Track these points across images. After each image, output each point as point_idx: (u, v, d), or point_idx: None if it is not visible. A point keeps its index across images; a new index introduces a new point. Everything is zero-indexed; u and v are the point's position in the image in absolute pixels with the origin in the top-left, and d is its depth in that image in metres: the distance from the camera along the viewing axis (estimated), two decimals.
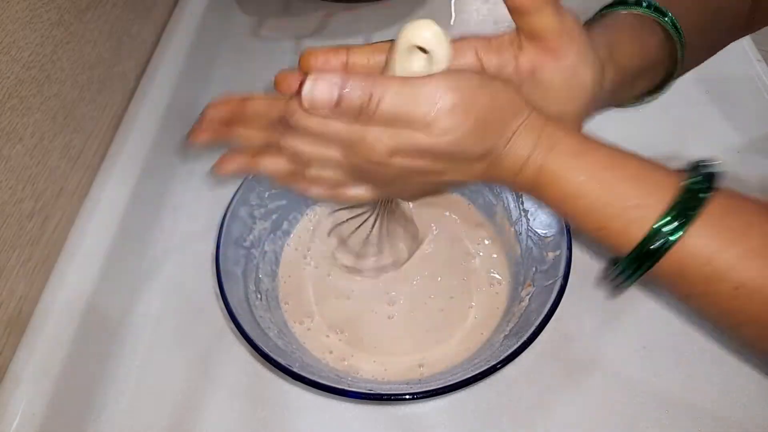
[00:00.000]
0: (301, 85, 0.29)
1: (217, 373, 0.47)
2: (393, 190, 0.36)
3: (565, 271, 0.41)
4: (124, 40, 0.58)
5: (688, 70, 0.43)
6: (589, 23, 0.39)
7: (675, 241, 0.29)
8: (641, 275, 0.31)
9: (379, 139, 0.29)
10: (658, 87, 0.42)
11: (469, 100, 0.29)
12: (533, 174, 0.31)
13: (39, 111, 0.44)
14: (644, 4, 0.39)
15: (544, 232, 0.46)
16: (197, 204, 0.58)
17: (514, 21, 0.32)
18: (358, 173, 0.33)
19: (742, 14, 0.43)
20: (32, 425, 0.40)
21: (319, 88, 0.29)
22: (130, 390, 0.46)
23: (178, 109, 0.62)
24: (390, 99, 0.28)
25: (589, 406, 0.44)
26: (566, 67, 0.32)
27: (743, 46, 0.65)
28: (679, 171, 0.31)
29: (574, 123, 0.34)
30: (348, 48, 0.33)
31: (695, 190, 0.30)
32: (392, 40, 0.31)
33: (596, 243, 0.32)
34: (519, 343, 0.38)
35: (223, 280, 0.41)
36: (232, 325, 0.39)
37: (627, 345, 0.46)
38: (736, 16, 0.43)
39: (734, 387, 0.44)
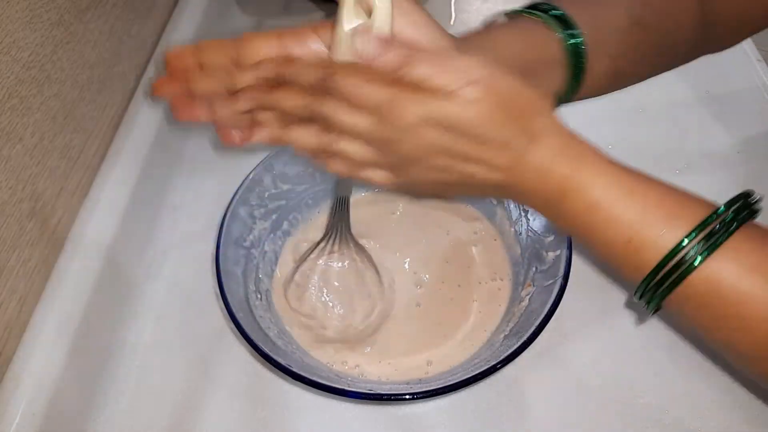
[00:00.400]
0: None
1: (217, 373, 0.47)
2: (413, 176, 0.34)
3: (565, 271, 0.41)
4: (124, 40, 0.58)
5: (628, 84, 0.43)
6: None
7: (701, 261, 0.29)
8: (666, 294, 0.31)
9: (410, 103, 0.29)
10: (566, 90, 0.40)
11: (497, 80, 0.29)
12: (562, 180, 0.31)
13: (39, 111, 0.44)
14: (545, 12, 0.39)
15: (544, 232, 0.46)
16: (197, 204, 0.58)
17: None
18: (385, 149, 0.32)
19: (687, 33, 0.42)
20: (32, 425, 0.40)
21: (373, 40, 0.30)
22: (130, 390, 0.46)
23: None
24: (425, 62, 0.29)
25: (589, 406, 0.44)
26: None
27: (743, 47, 0.65)
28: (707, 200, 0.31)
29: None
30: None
31: (730, 216, 0.29)
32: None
33: (615, 260, 0.32)
34: (519, 343, 0.38)
35: (223, 280, 0.41)
36: (232, 325, 0.39)
37: (627, 345, 0.46)
38: (679, 33, 0.42)
39: (735, 387, 0.44)
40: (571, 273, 0.41)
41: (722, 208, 0.30)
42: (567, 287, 0.40)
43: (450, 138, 0.30)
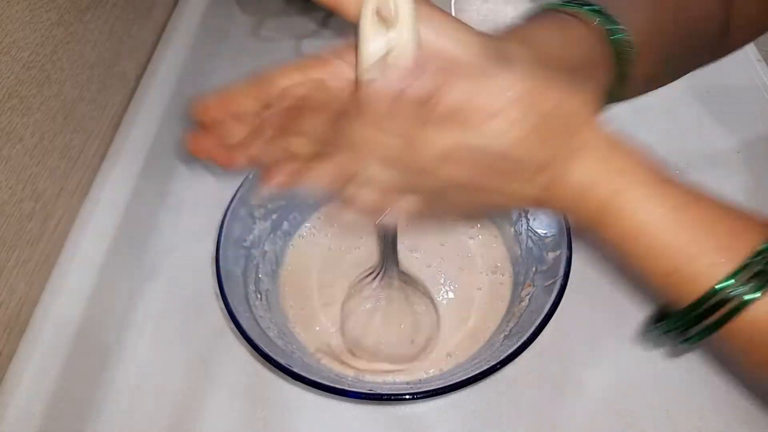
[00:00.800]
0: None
1: (217, 373, 0.47)
2: (445, 203, 0.32)
3: (565, 271, 0.41)
4: (124, 40, 0.58)
5: (660, 85, 0.41)
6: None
7: (749, 301, 0.26)
8: (707, 334, 0.28)
9: (441, 132, 0.27)
10: (614, 92, 0.39)
11: (537, 95, 0.27)
12: (602, 200, 0.28)
13: (39, 111, 0.44)
14: (584, 7, 0.36)
15: (544, 232, 0.46)
16: (197, 204, 0.58)
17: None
18: (413, 176, 0.30)
19: (714, 33, 0.41)
20: (32, 425, 0.40)
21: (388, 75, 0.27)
22: (130, 390, 0.46)
23: (178, 109, 0.62)
24: (457, 87, 0.26)
25: (589, 406, 0.44)
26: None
27: (743, 47, 0.65)
28: (765, 221, 0.28)
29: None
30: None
31: None
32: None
33: (654, 290, 0.29)
34: (519, 343, 0.38)
35: (223, 280, 0.41)
36: (232, 325, 0.39)
37: (627, 345, 0.46)
38: (707, 34, 0.41)
39: (734, 386, 0.44)
40: (571, 273, 0.41)
41: None
42: (567, 287, 0.40)
43: (485, 164, 0.28)
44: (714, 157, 0.58)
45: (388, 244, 0.43)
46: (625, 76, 0.37)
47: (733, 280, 0.26)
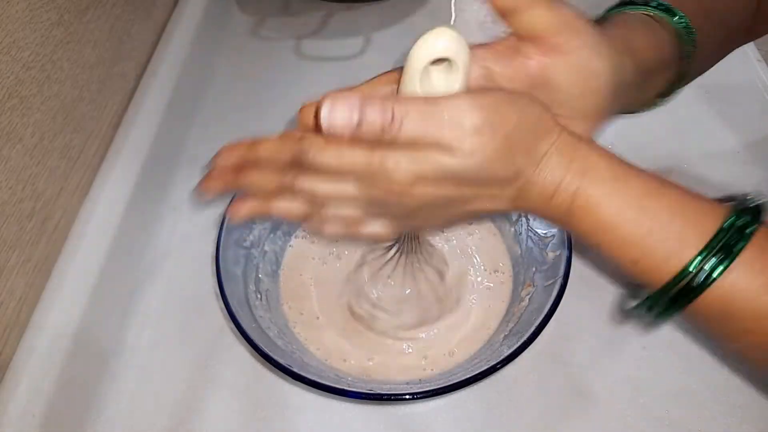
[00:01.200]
0: (316, 120, 0.28)
1: (217, 373, 0.47)
2: (414, 223, 0.34)
3: (565, 271, 0.41)
4: (124, 40, 0.58)
5: (694, 77, 0.42)
6: (598, 22, 0.38)
7: (716, 277, 0.27)
8: (678, 311, 0.29)
9: (399, 166, 0.28)
10: (668, 90, 0.40)
11: (497, 117, 0.27)
12: (567, 200, 0.29)
13: (39, 111, 0.44)
14: (653, 4, 0.37)
15: (544, 232, 0.46)
16: (197, 204, 0.58)
17: (508, 24, 0.30)
18: (377, 207, 0.31)
19: (745, 21, 0.43)
20: (32, 425, 0.40)
21: (339, 110, 0.27)
22: (130, 390, 0.46)
23: (178, 109, 0.62)
24: (413, 119, 0.27)
25: (589, 406, 0.44)
26: (576, 62, 0.30)
27: (743, 47, 0.65)
28: (722, 202, 0.30)
29: (595, 120, 0.32)
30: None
31: (740, 225, 0.28)
32: (400, 67, 0.30)
33: (628, 276, 0.30)
34: (519, 343, 0.38)
35: (223, 280, 0.41)
36: (232, 325, 0.39)
37: (627, 345, 0.46)
38: (739, 23, 0.43)
39: (734, 386, 0.44)
40: (571, 273, 0.41)
41: (732, 217, 0.28)
42: (567, 287, 0.40)
43: (449, 190, 0.29)
44: (714, 157, 0.58)
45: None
46: (686, 74, 0.39)
47: (699, 258, 0.28)
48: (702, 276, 0.28)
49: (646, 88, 0.38)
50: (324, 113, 0.27)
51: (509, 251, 0.50)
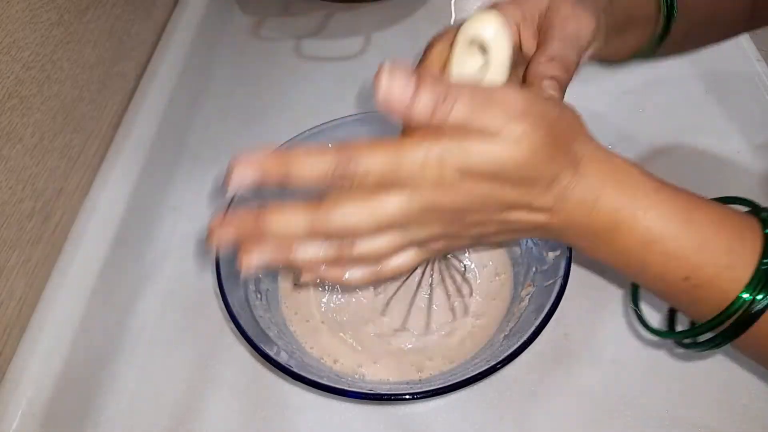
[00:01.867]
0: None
1: (217, 373, 0.47)
2: (448, 243, 0.31)
3: (565, 271, 0.41)
4: (124, 40, 0.58)
5: (683, 51, 0.43)
6: None
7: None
8: (730, 339, 0.28)
9: (449, 153, 0.26)
10: (647, 48, 0.41)
11: (541, 110, 0.27)
12: (611, 212, 0.28)
13: (39, 111, 0.44)
14: None
15: None
16: (197, 204, 0.58)
17: None
18: (423, 216, 0.28)
19: (745, 8, 0.43)
20: (32, 425, 0.40)
21: (397, 81, 0.25)
22: (130, 390, 0.46)
23: (178, 109, 0.62)
24: (464, 102, 0.26)
25: (589, 406, 0.44)
26: (566, 16, 0.32)
27: (743, 46, 0.65)
28: (750, 214, 0.29)
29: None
30: None
31: None
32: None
33: (673, 296, 0.29)
34: (519, 343, 0.38)
35: (223, 280, 0.41)
36: (232, 325, 0.39)
37: (627, 345, 0.46)
38: (738, 11, 0.43)
39: (735, 386, 0.44)
40: (571, 273, 0.41)
41: None
42: (567, 287, 0.40)
43: (494, 187, 0.27)
44: (714, 157, 0.58)
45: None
46: (666, 33, 0.39)
47: (752, 288, 0.27)
48: (754, 305, 0.27)
49: (627, 37, 0.38)
50: (383, 82, 0.25)
51: (509, 251, 0.50)
